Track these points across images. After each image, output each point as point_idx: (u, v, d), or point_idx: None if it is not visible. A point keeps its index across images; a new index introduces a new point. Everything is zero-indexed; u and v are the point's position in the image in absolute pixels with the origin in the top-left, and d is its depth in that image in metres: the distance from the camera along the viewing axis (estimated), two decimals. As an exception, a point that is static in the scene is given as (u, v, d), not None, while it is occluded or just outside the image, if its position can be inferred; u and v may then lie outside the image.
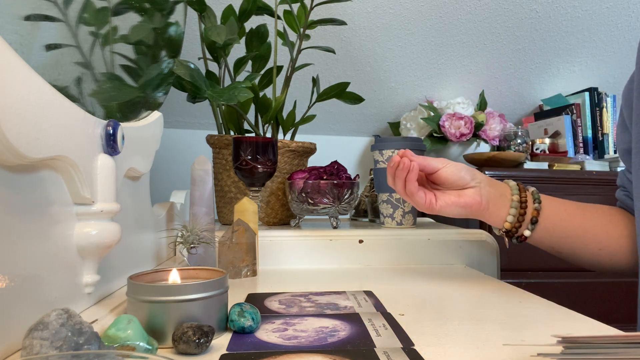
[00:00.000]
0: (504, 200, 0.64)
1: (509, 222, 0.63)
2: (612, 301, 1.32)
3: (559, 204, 0.66)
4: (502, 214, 0.64)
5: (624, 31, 1.59)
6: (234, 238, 0.72)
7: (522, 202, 0.63)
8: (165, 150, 1.63)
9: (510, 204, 0.63)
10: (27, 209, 0.38)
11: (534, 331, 0.45)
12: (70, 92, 0.50)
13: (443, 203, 0.61)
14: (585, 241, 0.65)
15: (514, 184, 0.66)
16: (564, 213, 0.65)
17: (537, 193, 0.65)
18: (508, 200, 0.64)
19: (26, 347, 0.30)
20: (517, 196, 0.63)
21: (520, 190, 0.64)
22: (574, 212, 0.66)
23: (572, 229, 0.65)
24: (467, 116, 1.51)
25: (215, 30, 0.94)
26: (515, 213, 0.63)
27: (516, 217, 0.63)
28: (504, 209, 0.63)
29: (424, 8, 1.45)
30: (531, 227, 0.64)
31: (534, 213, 0.63)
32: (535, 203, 0.64)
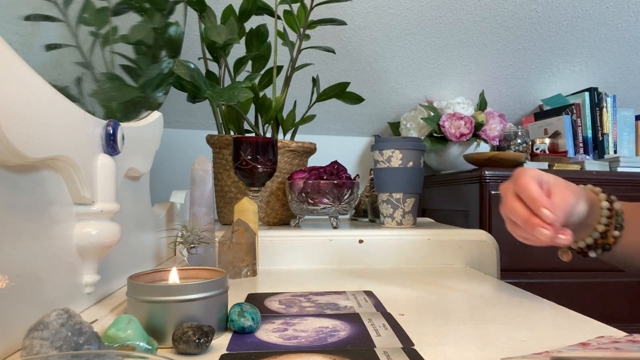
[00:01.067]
0: (585, 230, 0.58)
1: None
2: (612, 301, 1.32)
3: None
4: (576, 238, 0.59)
5: (624, 31, 1.59)
6: (234, 238, 0.72)
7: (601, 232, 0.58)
8: (165, 150, 1.63)
9: (591, 235, 0.58)
10: (27, 209, 0.38)
11: (534, 331, 0.45)
12: (70, 92, 0.50)
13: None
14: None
15: (604, 208, 0.57)
16: None
17: (621, 217, 0.58)
18: (589, 229, 0.58)
19: (26, 347, 0.30)
20: (601, 226, 0.57)
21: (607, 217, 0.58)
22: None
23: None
24: (467, 116, 1.51)
25: (215, 30, 0.94)
26: (590, 242, 0.58)
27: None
28: (579, 235, 0.58)
29: (424, 8, 1.45)
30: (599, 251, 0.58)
31: (610, 240, 0.58)
32: (617, 230, 0.57)
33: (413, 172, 0.95)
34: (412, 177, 0.95)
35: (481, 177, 1.30)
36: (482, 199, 1.30)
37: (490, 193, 1.29)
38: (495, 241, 0.89)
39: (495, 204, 1.29)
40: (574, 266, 1.31)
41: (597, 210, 0.57)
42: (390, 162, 0.95)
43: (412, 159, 0.95)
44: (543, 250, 1.31)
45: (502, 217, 0.56)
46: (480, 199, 1.30)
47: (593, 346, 0.35)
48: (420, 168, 0.97)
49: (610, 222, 0.57)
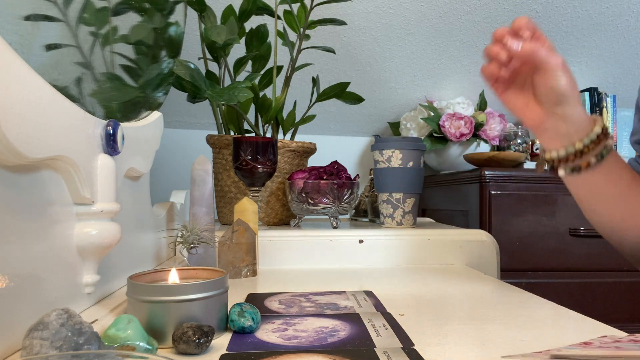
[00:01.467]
0: (564, 141, 0.57)
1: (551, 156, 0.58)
2: (612, 301, 1.32)
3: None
4: (551, 146, 0.58)
5: (624, 31, 1.59)
6: (234, 238, 0.72)
7: (578, 152, 0.56)
8: (165, 150, 1.63)
9: (565, 147, 0.57)
10: (27, 209, 0.38)
11: (534, 331, 0.45)
12: (70, 92, 0.50)
13: (508, 100, 0.58)
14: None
15: (594, 132, 0.56)
16: None
17: (606, 151, 0.57)
18: (567, 142, 0.57)
19: (26, 347, 0.30)
20: (580, 144, 0.56)
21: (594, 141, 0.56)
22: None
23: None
24: (467, 116, 1.51)
25: (215, 30, 0.94)
26: (562, 155, 0.57)
27: (564, 158, 0.57)
28: (556, 144, 0.58)
29: (424, 8, 1.45)
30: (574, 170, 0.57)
31: (583, 164, 0.57)
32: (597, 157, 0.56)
33: (413, 172, 0.95)
34: (412, 177, 0.95)
35: (481, 177, 1.30)
36: (482, 199, 1.30)
37: (490, 193, 1.29)
38: (495, 241, 0.89)
39: (496, 204, 1.29)
40: (574, 266, 1.31)
41: (587, 130, 0.56)
42: (390, 162, 0.95)
43: (412, 159, 0.95)
44: (543, 250, 1.31)
45: None
46: (480, 199, 1.30)
47: (595, 345, 0.35)
48: (420, 168, 0.97)
49: (592, 147, 0.56)
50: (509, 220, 1.29)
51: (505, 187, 1.30)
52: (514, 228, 1.29)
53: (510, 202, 1.29)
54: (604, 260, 1.32)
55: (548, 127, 0.57)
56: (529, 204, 1.30)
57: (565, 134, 0.56)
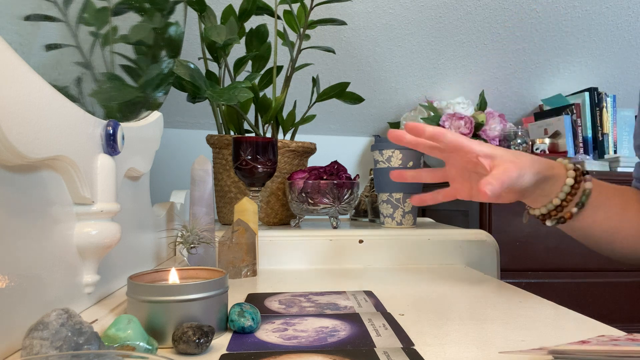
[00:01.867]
0: (543, 199, 0.59)
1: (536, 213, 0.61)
2: (612, 301, 1.32)
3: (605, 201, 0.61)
4: (534, 205, 0.61)
5: (624, 31, 1.59)
6: (234, 238, 0.72)
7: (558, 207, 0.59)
8: (165, 150, 1.63)
9: (545, 205, 0.59)
10: (27, 209, 0.38)
11: (534, 331, 0.45)
12: (70, 92, 0.50)
13: (468, 194, 0.62)
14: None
15: (567, 185, 0.58)
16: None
17: (585, 197, 0.58)
18: (546, 200, 0.59)
19: (26, 347, 0.30)
20: (557, 200, 0.58)
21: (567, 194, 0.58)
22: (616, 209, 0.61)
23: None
24: (467, 116, 1.51)
25: (215, 30, 0.94)
26: (544, 212, 0.60)
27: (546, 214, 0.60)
28: (537, 203, 0.60)
29: (423, 8, 1.45)
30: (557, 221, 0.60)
31: (567, 215, 0.59)
32: (576, 208, 0.58)
33: (413, 172, 0.95)
34: (412, 177, 0.95)
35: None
36: (482, 199, 1.30)
37: (490, 193, 1.29)
38: (495, 241, 0.89)
39: (496, 204, 1.29)
40: (574, 266, 1.31)
41: (560, 184, 0.58)
42: (390, 162, 0.95)
43: (412, 159, 0.95)
44: (543, 250, 1.31)
45: None
46: (480, 199, 1.30)
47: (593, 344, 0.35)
48: (421, 168, 0.97)
49: (570, 198, 0.58)
50: (509, 220, 1.29)
51: (505, 187, 1.30)
52: (514, 228, 1.29)
53: (510, 202, 1.29)
54: (604, 260, 1.32)
55: (522, 197, 0.60)
56: (529, 204, 1.30)
57: (541, 194, 0.59)
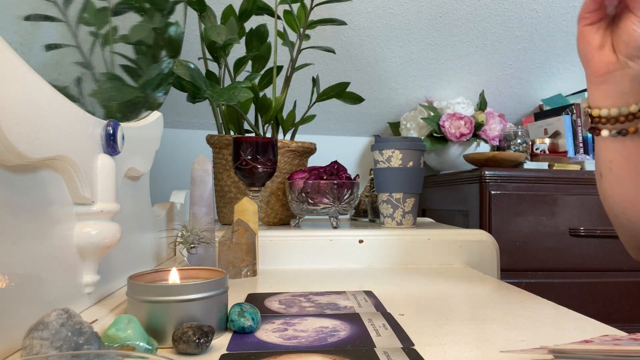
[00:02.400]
0: (618, 100, 0.54)
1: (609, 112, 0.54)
2: (612, 301, 1.32)
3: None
4: (602, 104, 0.55)
5: (624, 31, 1.59)
6: (234, 238, 0.72)
7: None
8: (165, 150, 1.63)
9: (619, 107, 0.53)
10: (27, 209, 0.38)
11: (534, 331, 0.45)
12: (70, 92, 0.50)
13: (587, 33, 0.54)
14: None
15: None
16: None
17: None
18: (622, 102, 0.53)
19: (26, 347, 0.30)
20: (635, 107, 0.53)
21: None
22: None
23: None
24: (467, 116, 1.51)
25: (215, 30, 0.94)
26: (614, 114, 0.54)
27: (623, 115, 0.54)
28: (609, 102, 0.54)
29: (423, 8, 1.45)
30: None
31: (632, 129, 0.53)
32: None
33: (413, 172, 0.95)
34: (412, 177, 0.95)
35: (481, 177, 1.30)
36: (482, 199, 1.30)
37: (490, 193, 1.29)
38: (495, 241, 0.89)
39: (496, 204, 1.29)
40: (574, 266, 1.31)
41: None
42: (390, 162, 0.95)
43: (412, 159, 0.95)
44: (543, 250, 1.31)
45: None
46: (480, 199, 1.30)
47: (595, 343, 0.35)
48: (420, 168, 0.97)
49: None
50: (509, 220, 1.29)
51: (505, 187, 1.30)
52: (514, 228, 1.29)
53: (510, 202, 1.29)
54: (604, 260, 1.32)
55: (611, 79, 0.53)
56: (529, 204, 1.30)
57: (624, 93, 0.53)
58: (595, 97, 0.55)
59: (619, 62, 0.52)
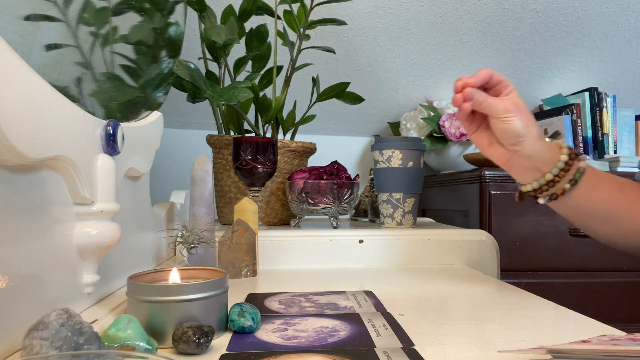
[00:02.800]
0: (534, 174, 0.60)
1: (526, 189, 0.61)
2: (612, 301, 1.32)
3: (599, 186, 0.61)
4: (523, 180, 0.61)
5: (624, 31, 1.59)
6: (234, 238, 0.72)
7: (549, 182, 0.59)
8: (165, 150, 1.63)
9: (537, 180, 0.59)
10: (27, 209, 0.38)
11: (534, 331, 0.45)
12: (70, 92, 0.50)
13: (475, 139, 0.62)
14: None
15: (562, 161, 0.59)
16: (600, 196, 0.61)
17: (579, 174, 0.59)
18: (537, 174, 0.59)
19: (26, 347, 0.30)
20: (549, 175, 0.59)
21: (561, 170, 0.59)
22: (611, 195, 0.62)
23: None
24: (467, 116, 1.51)
25: (215, 30, 0.94)
26: (536, 187, 0.60)
27: (536, 189, 0.60)
28: (528, 178, 0.60)
29: (423, 8, 1.45)
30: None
31: (559, 191, 0.59)
32: (569, 184, 0.58)
33: (413, 172, 0.95)
34: (412, 177, 0.95)
35: (481, 177, 1.30)
36: (482, 199, 1.30)
37: (490, 193, 1.29)
38: (495, 241, 0.89)
39: (496, 204, 1.29)
40: (574, 266, 1.31)
41: (554, 159, 0.59)
42: (390, 162, 0.95)
43: (412, 159, 0.95)
44: (543, 250, 1.31)
45: None
46: (480, 199, 1.30)
47: (593, 343, 0.35)
48: (420, 168, 0.97)
49: (563, 174, 0.58)
50: (509, 220, 1.29)
51: (505, 187, 1.30)
52: (514, 228, 1.29)
53: (510, 202, 1.29)
54: (604, 260, 1.32)
55: (513, 163, 0.60)
56: (529, 204, 1.30)
57: (532, 167, 0.59)
58: (516, 177, 0.62)
59: (508, 151, 0.59)
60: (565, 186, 0.59)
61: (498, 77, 0.59)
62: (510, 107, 0.57)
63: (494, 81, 0.59)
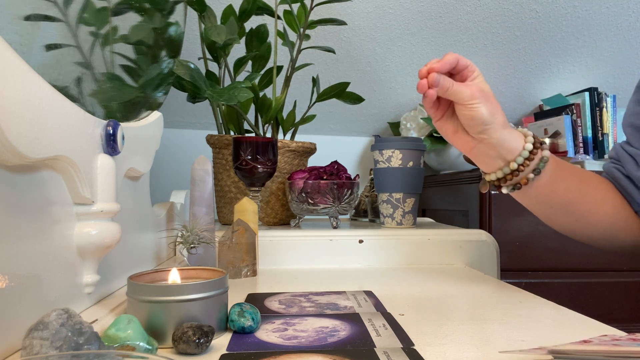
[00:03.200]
0: (498, 163, 0.60)
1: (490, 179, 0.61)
2: (612, 301, 1.32)
3: (561, 178, 0.62)
4: (488, 169, 0.61)
5: (624, 31, 1.59)
6: (234, 238, 0.72)
7: (514, 171, 0.59)
8: (165, 150, 1.63)
9: (501, 169, 0.60)
10: (27, 209, 0.38)
11: (534, 331, 0.45)
12: (70, 92, 0.50)
13: (440, 126, 0.61)
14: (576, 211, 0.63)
15: (526, 150, 0.58)
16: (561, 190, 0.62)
17: (543, 163, 0.59)
18: (502, 163, 0.59)
19: (26, 347, 0.30)
20: (514, 164, 0.59)
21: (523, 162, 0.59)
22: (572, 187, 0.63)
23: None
24: (467, 116, 1.51)
25: (215, 30, 0.94)
26: (500, 176, 0.60)
27: (499, 180, 0.61)
28: (492, 167, 0.60)
29: (424, 8, 1.45)
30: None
31: (523, 181, 0.59)
32: (533, 174, 0.59)
33: (413, 172, 0.95)
34: (412, 177, 0.95)
35: (481, 177, 1.30)
36: (482, 199, 1.30)
37: (490, 193, 1.29)
38: (495, 241, 0.89)
39: (496, 204, 1.29)
40: (574, 266, 1.31)
41: (519, 149, 0.59)
42: (390, 162, 0.95)
43: (412, 159, 0.95)
44: (543, 250, 1.31)
45: None
46: (480, 199, 1.30)
47: (594, 343, 0.35)
48: (420, 168, 0.97)
49: (527, 163, 0.58)
50: (509, 220, 1.29)
51: (505, 187, 1.30)
52: (514, 228, 1.29)
53: (510, 202, 1.29)
54: (604, 260, 1.32)
55: (478, 151, 0.59)
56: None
57: (497, 156, 0.59)
58: (480, 166, 0.62)
59: (474, 139, 0.59)
60: (529, 176, 0.59)
61: (464, 61, 0.57)
62: (476, 94, 0.55)
63: (460, 66, 0.57)
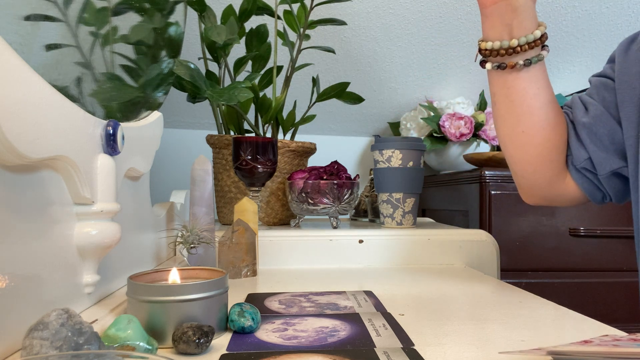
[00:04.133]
0: (502, 34, 0.57)
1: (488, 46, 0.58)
2: (612, 301, 1.32)
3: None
4: (490, 37, 0.58)
5: (624, 31, 1.59)
6: (234, 238, 0.72)
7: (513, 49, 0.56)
8: (165, 150, 1.63)
9: (500, 40, 0.57)
10: (27, 209, 0.38)
11: (534, 331, 0.45)
12: (70, 92, 0.50)
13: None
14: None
15: (534, 35, 0.56)
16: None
17: (537, 59, 0.57)
18: (506, 36, 0.57)
19: (26, 347, 0.30)
20: (515, 41, 0.56)
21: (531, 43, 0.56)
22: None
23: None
24: (467, 116, 1.51)
25: (215, 30, 0.94)
26: (496, 47, 0.57)
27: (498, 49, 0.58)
28: (495, 35, 0.57)
29: (424, 8, 1.45)
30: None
31: (510, 63, 0.57)
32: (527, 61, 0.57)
33: (413, 172, 0.95)
34: (412, 177, 0.95)
35: (481, 177, 1.30)
36: (482, 199, 1.30)
37: (490, 193, 1.29)
38: (495, 241, 0.89)
39: (496, 204, 1.29)
40: (574, 266, 1.31)
41: (528, 30, 0.56)
42: (390, 162, 0.95)
43: (412, 159, 0.95)
44: (543, 250, 1.31)
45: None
46: (480, 199, 1.30)
47: (595, 343, 0.35)
48: (420, 168, 0.97)
49: (525, 48, 0.56)
50: (509, 220, 1.29)
51: (505, 187, 1.30)
52: (514, 228, 1.29)
53: (510, 202, 1.29)
54: (604, 260, 1.32)
55: (496, 11, 0.56)
56: (529, 204, 1.30)
57: (507, 24, 0.56)
58: (484, 30, 0.58)
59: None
60: (518, 61, 0.57)
61: None
62: None
63: None
